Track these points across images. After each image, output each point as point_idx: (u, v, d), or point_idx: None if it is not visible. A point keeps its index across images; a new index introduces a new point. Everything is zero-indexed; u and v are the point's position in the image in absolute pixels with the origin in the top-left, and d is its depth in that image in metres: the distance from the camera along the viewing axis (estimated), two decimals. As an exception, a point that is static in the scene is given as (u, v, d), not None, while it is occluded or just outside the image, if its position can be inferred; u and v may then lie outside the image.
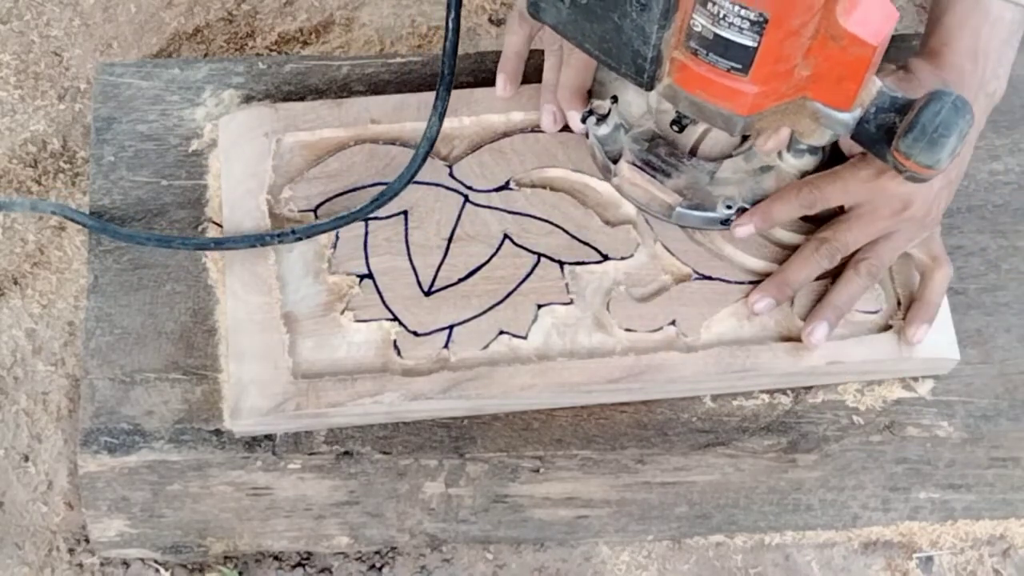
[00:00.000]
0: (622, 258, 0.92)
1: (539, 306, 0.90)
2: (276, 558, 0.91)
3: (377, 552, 0.91)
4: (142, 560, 0.90)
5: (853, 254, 0.89)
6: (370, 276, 0.91)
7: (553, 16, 0.73)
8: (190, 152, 0.98)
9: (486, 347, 0.89)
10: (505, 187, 0.94)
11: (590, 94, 0.91)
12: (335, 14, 1.19)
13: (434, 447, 0.89)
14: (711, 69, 0.71)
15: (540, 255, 0.92)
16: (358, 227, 0.92)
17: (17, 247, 1.02)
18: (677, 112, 0.81)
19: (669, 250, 0.92)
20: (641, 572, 0.92)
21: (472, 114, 0.96)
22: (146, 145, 0.98)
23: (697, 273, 0.92)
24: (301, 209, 0.93)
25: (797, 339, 0.90)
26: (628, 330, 0.90)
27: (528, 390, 0.88)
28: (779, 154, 0.88)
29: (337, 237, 0.91)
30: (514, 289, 0.91)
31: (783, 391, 0.92)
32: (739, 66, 0.70)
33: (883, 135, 0.76)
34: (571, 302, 0.90)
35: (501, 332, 0.89)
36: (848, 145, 0.86)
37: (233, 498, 0.89)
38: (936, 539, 0.93)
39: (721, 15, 0.68)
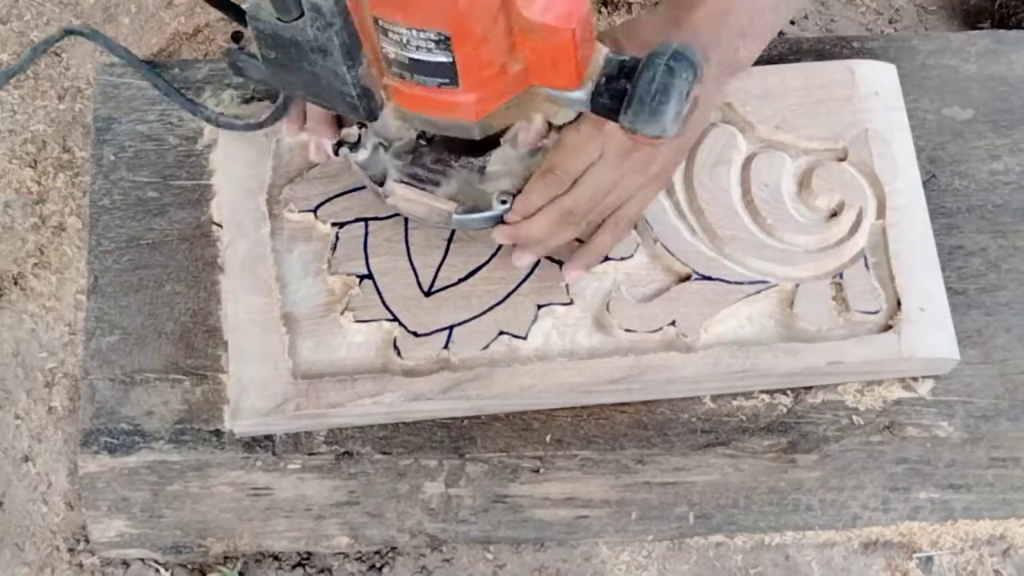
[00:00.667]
0: (622, 258, 0.92)
1: (539, 306, 0.90)
2: (276, 558, 0.91)
3: (377, 552, 0.91)
4: (142, 560, 0.90)
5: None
6: (370, 276, 0.91)
7: (255, 72, 0.73)
8: (190, 152, 0.98)
9: (486, 347, 0.89)
10: (505, 187, 0.94)
11: (341, 121, 0.88)
12: (335, 14, 1.18)
13: (434, 447, 0.90)
14: (424, 88, 0.70)
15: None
16: (358, 228, 0.92)
17: (17, 247, 1.02)
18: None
19: (669, 250, 0.92)
20: (641, 572, 0.92)
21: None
22: (146, 145, 0.98)
23: (697, 273, 0.92)
24: (301, 209, 0.93)
25: (798, 339, 0.90)
26: (628, 330, 0.90)
27: (528, 390, 0.88)
28: (547, 136, 0.84)
29: (337, 238, 0.92)
30: (514, 289, 0.91)
31: (783, 391, 0.92)
32: (447, 80, 0.69)
33: (619, 103, 0.72)
34: (571, 302, 0.91)
35: (501, 332, 0.89)
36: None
37: (233, 498, 0.89)
38: (936, 539, 0.93)
39: (405, 41, 0.66)
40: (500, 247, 0.91)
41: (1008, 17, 1.20)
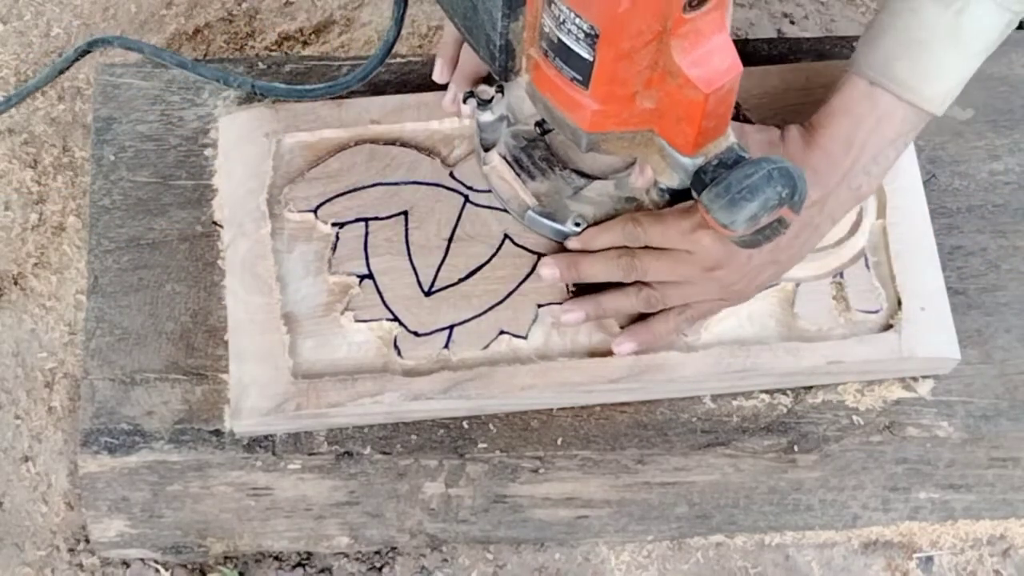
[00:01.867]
0: (622, 258, 0.92)
1: (539, 306, 0.90)
2: (276, 558, 0.91)
3: (377, 552, 0.91)
4: (142, 560, 0.90)
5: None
6: (370, 276, 0.91)
7: None
8: (190, 152, 0.98)
9: (486, 347, 0.89)
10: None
11: (489, 81, 0.90)
12: (335, 14, 1.18)
13: (434, 447, 0.89)
14: (558, 75, 0.71)
15: (540, 255, 0.91)
16: (358, 228, 0.92)
17: (17, 247, 1.02)
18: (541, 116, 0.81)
19: (669, 250, 0.92)
20: (641, 572, 0.92)
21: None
22: (146, 145, 0.98)
23: (697, 273, 0.91)
24: (301, 209, 0.93)
25: (798, 339, 0.90)
26: (628, 330, 0.90)
27: (528, 390, 0.88)
28: (648, 191, 0.86)
29: (337, 238, 0.92)
30: (514, 289, 0.91)
31: (783, 391, 0.92)
32: (580, 77, 0.69)
33: None
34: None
35: (501, 332, 0.89)
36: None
37: (233, 498, 0.89)
38: (936, 539, 0.93)
39: (561, 19, 0.67)
40: (500, 248, 0.92)
41: (1008, 17, 1.19)
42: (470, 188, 0.94)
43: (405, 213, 0.93)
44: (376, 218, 0.92)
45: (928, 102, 0.81)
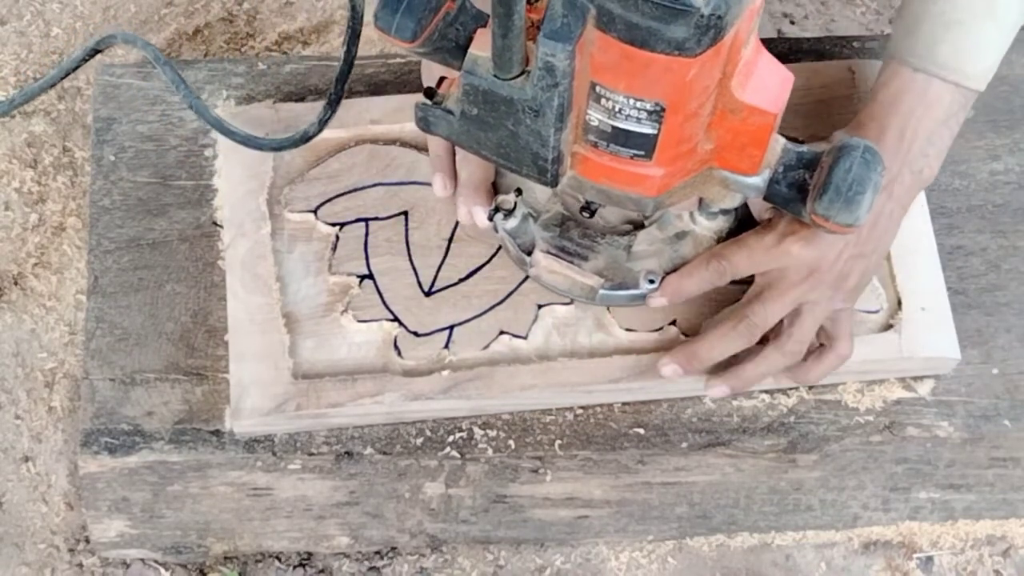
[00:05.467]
0: (623, 259, 0.92)
1: (539, 306, 0.90)
2: (276, 558, 0.91)
3: (377, 552, 0.91)
4: (142, 560, 0.90)
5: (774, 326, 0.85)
6: (370, 276, 0.91)
7: (444, 128, 0.72)
8: (190, 152, 0.98)
9: (486, 347, 0.89)
10: (505, 187, 0.94)
11: (496, 186, 0.88)
12: (335, 14, 1.18)
13: (434, 447, 0.89)
14: (614, 158, 0.70)
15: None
16: (359, 228, 0.92)
17: (17, 247, 1.02)
18: (586, 199, 0.80)
19: (669, 250, 0.92)
20: (641, 572, 0.92)
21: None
22: (146, 146, 0.98)
23: (698, 273, 0.91)
24: (301, 209, 0.93)
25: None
26: (628, 330, 0.90)
27: (528, 390, 0.88)
28: (692, 218, 0.85)
29: (337, 238, 0.92)
30: (514, 289, 0.91)
31: (783, 391, 0.92)
32: (642, 152, 0.69)
33: (796, 193, 0.74)
34: (571, 302, 0.90)
35: (501, 332, 0.90)
36: (757, 207, 0.83)
37: (233, 499, 0.89)
38: (936, 539, 0.93)
39: (616, 109, 0.66)
40: (500, 248, 0.91)
41: (1008, 17, 1.19)
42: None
43: (405, 213, 0.93)
44: (376, 218, 0.93)
45: (972, 80, 0.83)
